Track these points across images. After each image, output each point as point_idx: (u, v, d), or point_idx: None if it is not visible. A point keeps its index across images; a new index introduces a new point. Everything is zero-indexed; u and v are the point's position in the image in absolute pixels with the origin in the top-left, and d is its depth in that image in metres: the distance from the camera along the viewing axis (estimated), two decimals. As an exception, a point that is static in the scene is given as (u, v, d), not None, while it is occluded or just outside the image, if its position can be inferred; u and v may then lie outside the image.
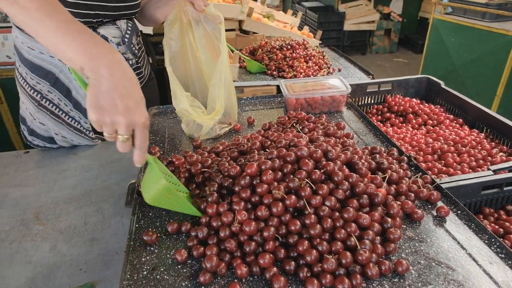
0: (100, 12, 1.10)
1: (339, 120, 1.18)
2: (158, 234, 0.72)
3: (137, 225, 0.75)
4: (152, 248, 0.70)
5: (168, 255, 0.68)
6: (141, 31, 1.47)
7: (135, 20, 1.29)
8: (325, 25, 5.71)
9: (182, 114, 1.03)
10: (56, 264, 0.82)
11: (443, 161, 1.08)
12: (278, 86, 1.97)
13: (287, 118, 1.09)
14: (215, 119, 1.01)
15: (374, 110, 1.49)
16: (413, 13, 6.51)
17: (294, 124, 1.01)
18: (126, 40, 1.18)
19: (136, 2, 1.19)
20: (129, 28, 1.20)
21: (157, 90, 1.51)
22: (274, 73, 2.06)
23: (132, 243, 0.71)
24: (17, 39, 1.14)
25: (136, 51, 1.27)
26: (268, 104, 1.30)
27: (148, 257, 0.68)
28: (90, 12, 1.08)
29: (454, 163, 1.06)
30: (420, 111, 1.39)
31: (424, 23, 6.24)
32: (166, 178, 0.75)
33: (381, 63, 5.96)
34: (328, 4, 6.29)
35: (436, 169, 1.04)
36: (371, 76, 2.08)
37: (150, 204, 0.71)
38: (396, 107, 1.44)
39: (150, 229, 0.74)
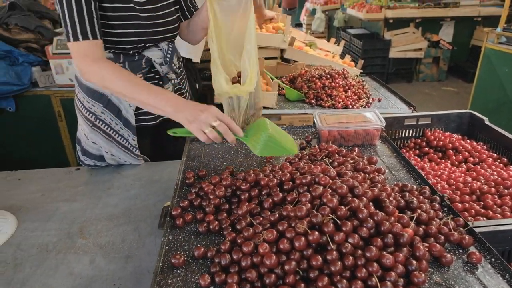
0: (143, 38, 1.24)
1: (372, 154, 1.17)
2: (186, 258, 0.76)
3: (167, 247, 0.80)
4: (178, 271, 0.74)
5: (193, 279, 0.72)
6: (185, 58, 1.57)
7: (175, 43, 1.42)
8: (369, 52, 5.68)
9: (222, 95, 1.10)
10: (94, 278, 0.89)
11: (482, 203, 1.03)
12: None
13: (318, 150, 1.11)
14: (252, 86, 1.07)
15: (412, 144, 1.46)
16: (465, 41, 6.27)
17: (324, 157, 1.02)
18: (167, 59, 1.32)
19: (174, 26, 1.33)
20: (170, 49, 1.33)
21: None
22: (313, 101, 2.09)
23: (161, 264, 0.75)
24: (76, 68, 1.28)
25: (177, 69, 1.40)
26: (302, 134, 1.32)
27: (174, 279, 0.72)
28: (134, 39, 1.22)
29: (495, 206, 1.00)
30: (461, 147, 1.35)
31: (477, 51, 5.97)
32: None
33: (428, 91, 5.77)
34: (374, 31, 6.26)
35: (473, 211, 0.99)
36: (412, 108, 2.04)
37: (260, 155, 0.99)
38: (435, 142, 1.40)
39: (178, 252, 0.78)
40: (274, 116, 1.99)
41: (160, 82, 1.36)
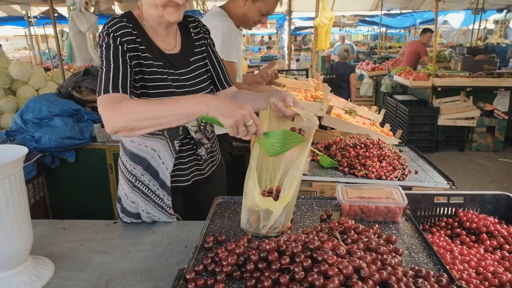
0: None
1: (393, 231, 1.16)
2: (190, 324, 0.80)
3: (175, 311, 0.84)
4: (181, 336, 0.77)
5: None
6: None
7: None
8: (416, 118, 5.60)
9: (252, 208, 1.13)
10: (109, 332, 0.94)
11: (512, 297, 0.95)
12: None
13: (336, 223, 1.12)
14: (282, 206, 1.08)
15: (443, 223, 1.40)
16: (523, 111, 5.98)
17: (338, 233, 1.03)
18: (201, 127, 1.45)
19: None
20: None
21: (225, 178, 1.71)
22: (346, 170, 2.10)
23: (166, 327, 0.79)
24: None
25: (209, 136, 1.53)
26: (325, 205, 1.35)
27: None
28: None
29: (526, 302, 0.93)
30: (496, 232, 1.27)
31: (537, 122, 5.65)
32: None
33: (483, 162, 5.44)
34: (422, 98, 6.22)
35: (500, 306, 0.92)
36: (450, 183, 1.97)
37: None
38: (468, 223, 1.34)
39: (185, 317, 0.82)
40: (305, 182, 2.03)
41: (194, 147, 1.49)
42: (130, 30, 1.27)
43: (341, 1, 9.51)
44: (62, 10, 7.21)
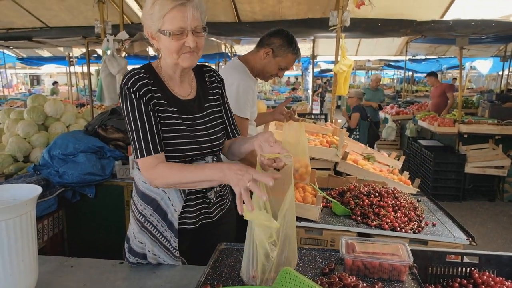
0: (191, 153, 1.44)
1: (398, 292, 1.10)
2: None
3: None
4: None
5: None
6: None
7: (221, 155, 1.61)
8: (442, 165, 5.42)
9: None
10: None
11: None
12: (357, 234, 1.94)
13: (337, 279, 1.09)
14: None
15: (457, 284, 1.32)
16: (559, 161, 5.66)
17: (336, 291, 1.00)
18: None
19: (219, 142, 1.52)
20: (214, 162, 1.51)
21: (234, 222, 1.70)
22: (359, 219, 2.05)
23: None
24: (136, 176, 1.51)
25: None
26: (328, 258, 1.31)
27: None
28: (182, 154, 1.42)
29: None
30: (514, 298, 1.18)
31: None
32: None
33: (515, 213, 5.13)
34: (448, 144, 6.06)
35: None
36: (470, 239, 1.87)
37: None
38: (483, 286, 1.26)
39: None
40: (316, 230, 1.99)
41: (204, 190, 1.51)
42: (146, 80, 1.38)
43: (366, 46, 9.70)
44: (101, 51, 7.78)
